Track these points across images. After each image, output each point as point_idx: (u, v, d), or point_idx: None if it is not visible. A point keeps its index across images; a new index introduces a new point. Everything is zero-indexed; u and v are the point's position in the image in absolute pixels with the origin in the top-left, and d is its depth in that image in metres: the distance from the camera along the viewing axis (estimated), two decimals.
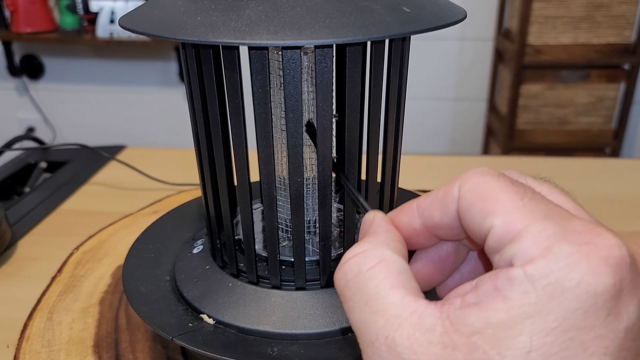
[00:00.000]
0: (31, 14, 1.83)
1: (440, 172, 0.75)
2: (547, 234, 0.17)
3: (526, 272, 0.17)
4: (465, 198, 0.20)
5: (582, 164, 0.79)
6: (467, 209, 0.20)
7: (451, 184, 0.21)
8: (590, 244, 0.17)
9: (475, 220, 0.19)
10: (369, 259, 0.20)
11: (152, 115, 2.12)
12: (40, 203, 0.66)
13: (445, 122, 2.03)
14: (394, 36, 0.26)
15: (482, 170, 0.20)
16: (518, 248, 0.17)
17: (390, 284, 0.19)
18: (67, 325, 0.43)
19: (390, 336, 0.18)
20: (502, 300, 0.17)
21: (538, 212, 0.18)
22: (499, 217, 0.18)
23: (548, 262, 0.17)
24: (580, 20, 1.61)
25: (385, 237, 0.22)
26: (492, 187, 0.19)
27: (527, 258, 0.17)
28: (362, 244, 0.21)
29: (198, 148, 0.35)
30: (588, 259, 0.16)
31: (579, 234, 0.17)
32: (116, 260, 0.52)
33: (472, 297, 0.18)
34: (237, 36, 0.25)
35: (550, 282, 0.16)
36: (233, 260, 0.36)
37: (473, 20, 1.85)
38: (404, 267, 0.20)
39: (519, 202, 0.18)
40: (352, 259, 0.21)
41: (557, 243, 0.17)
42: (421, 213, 0.22)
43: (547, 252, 0.17)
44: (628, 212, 0.64)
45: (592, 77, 1.66)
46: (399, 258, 0.20)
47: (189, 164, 0.77)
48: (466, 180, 0.20)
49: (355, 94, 0.31)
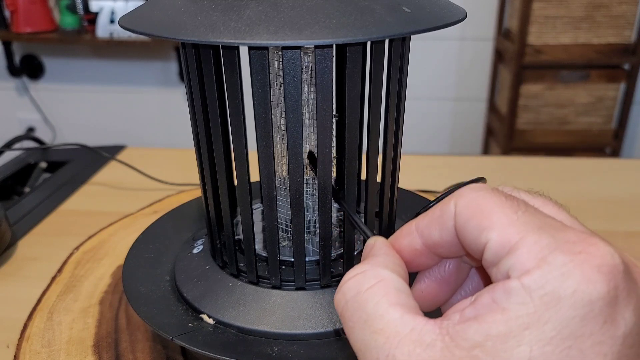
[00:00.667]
0: (31, 14, 1.83)
1: (440, 172, 0.75)
2: (541, 245, 0.18)
3: (522, 283, 0.17)
4: (461, 214, 0.20)
5: (582, 164, 0.79)
6: (464, 225, 0.20)
7: (447, 200, 0.21)
8: (583, 253, 0.17)
9: (472, 236, 0.20)
10: (368, 278, 0.21)
11: (152, 115, 2.12)
12: (40, 203, 0.66)
13: (445, 122, 2.03)
14: (394, 36, 0.26)
15: (476, 186, 0.21)
16: (514, 260, 0.18)
17: (389, 302, 0.19)
18: (67, 325, 0.43)
19: (391, 354, 0.18)
20: (501, 312, 0.17)
21: (532, 225, 0.18)
22: (494, 231, 0.19)
23: (543, 272, 0.17)
24: (580, 20, 1.61)
25: (384, 258, 0.22)
26: (487, 202, 0.20)
27: (522, 269, 0.17)
28: (362, 266, 0.22)
29: (198, 148, 0.35)
30: (582, 268, 0.17)
31: (573, 244, 0.17)
32: (116, 260, 0.52)
33: (470, 311, 0.18)
34: (237, 36, 0.25)
35: (547, 292, 0.17)
36: (233, 260, 0.36)
37: (473, 20, 1.85)
38: (403, 286, 0.20)
39: (513, 215, 0.19)
40: (351, 279, 0.21)
41: (551, 253, 0.17)
42: (421, 233, 0.22)
43: (542, 262, 0.17)
44: (628, 212, 0.64)
45: (592, 77, 1.66)
46: (398, 278, 0.21)
47: (189, 164, 0.77)
48: (461, 196, 0.21)
49: (355, 94, 0.31)
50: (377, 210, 0.37)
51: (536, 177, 0.74)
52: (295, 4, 0.26)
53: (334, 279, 0.35)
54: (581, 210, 0.64)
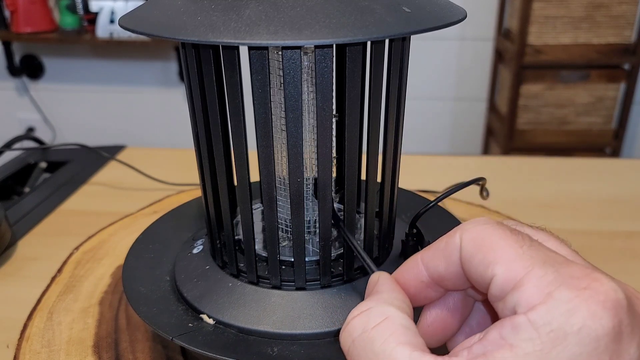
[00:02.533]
0: (31, 14, 1.83)
1: (440, 172, 0.75)
2: (547, 281, 0.18)
3: (529, 318, 0.17)
4: (466, 248, 0.21)
5: (582, 164, 0.79)
6: (469, 259, 0.20)
7: (452, 233, 0.21)
8: (588, 289, 0.17)
9: (478, 270, 0.20)
10: (374, 316, 0.21)
11: (151, 115, 2.12)
12: (40, 203, 0.66)
13: (446, 122, 2.03)
14: (394, 36, 0.26)
15: (482, 220, 0.21)
16: (520, 295, 0.18)
17: (397, 341, 0.19)
18: (67, 326, 0.43)
19: None
20: (509, 348, 0.17)
21: (537, 259, 0.19)
22: (500, 265, 0.19)
23: (550, 308, 0.17)
24: (580, 20, 1.61)
25: (389, 295, 0.22)
26: (492, 236, 0.20)
27: (529, 305, 0.18)
28: (366, 303, 0.22)
29: (198, 148, 0.35)
30: (587, 304, 0.17)
31: (577, 280, 0.18)
32: (116, 260, 0.52)
33: (478, 348, 0.18)
34: (237, 36, 0.25)
35: (553, 329, 0.17)
36: (233, 260, 0.36)
37: (473, 20, 1.85)
38: (409, 324, 0.21)
39: (519, 249, 0.19)
40: (357, 317, 0.21)
41: (557, 289, 0.18)
42: (426, 265, 0.23)
43: (548, 298, 0.17)
44: (628, 212, 0.64)
45: (592, 77, 1.67)
46: (404, 315, 0.21)
47: (188, 164, 0.77)
48: (466, 230, 0.21)
49: (355, 94, 0.31)
50: (377, 210, 0.37)
51: (536, 177, 0.74)
52: (295, 4, 0.26)
53: (334, 279, 0.35)
54: (582, 210, 0.65)
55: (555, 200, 0.67)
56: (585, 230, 0.60)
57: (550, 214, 0.64)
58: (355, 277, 0.36)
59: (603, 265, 0.22)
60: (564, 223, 0.61)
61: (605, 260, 0.54)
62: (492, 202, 0.63)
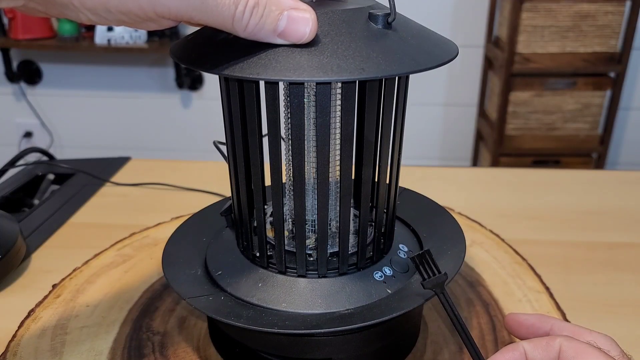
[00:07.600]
0: (29, 21, 1.84)
1: (431, 184, 0.78)
2: None
3: None
4: (567, 352, 0.29)
5: (568, 175, 0.82)
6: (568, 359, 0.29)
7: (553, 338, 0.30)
8: None
9: None
10: None
11: (149, 120, 2.13)
12: (51, 216, 0.68)
13: (437, 127, 2.07)
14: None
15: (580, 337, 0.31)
16: None
17: None
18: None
19: None
20: None
21: None
22: None
23: None
24: (568, 30, 1.66)
25: None
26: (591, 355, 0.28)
27: None
28: None
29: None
30: None
31: None
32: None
33: None
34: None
35: None
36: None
37: (464, 27, 1.89)
38: None
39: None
40: None
41: None
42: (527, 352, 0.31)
43: None
44: (611, 223, 0.67)
45: (578, 85, 1.71)
46: None
47: (195, 174, 0.80)
48: (567, 340, 0.30)
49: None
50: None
51: (524, 188, 0.77)
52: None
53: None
54: (566, 221, 0.68)
55: (540, 212, 0.70)
56: (568, 242, 0.63)
57: (535, 225, 0.67)
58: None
59: (586, 276, 0.29)
60: (548, 234, 0.64)
61: (588, 271, 0.56)
62: (480, 214, 0.67)
